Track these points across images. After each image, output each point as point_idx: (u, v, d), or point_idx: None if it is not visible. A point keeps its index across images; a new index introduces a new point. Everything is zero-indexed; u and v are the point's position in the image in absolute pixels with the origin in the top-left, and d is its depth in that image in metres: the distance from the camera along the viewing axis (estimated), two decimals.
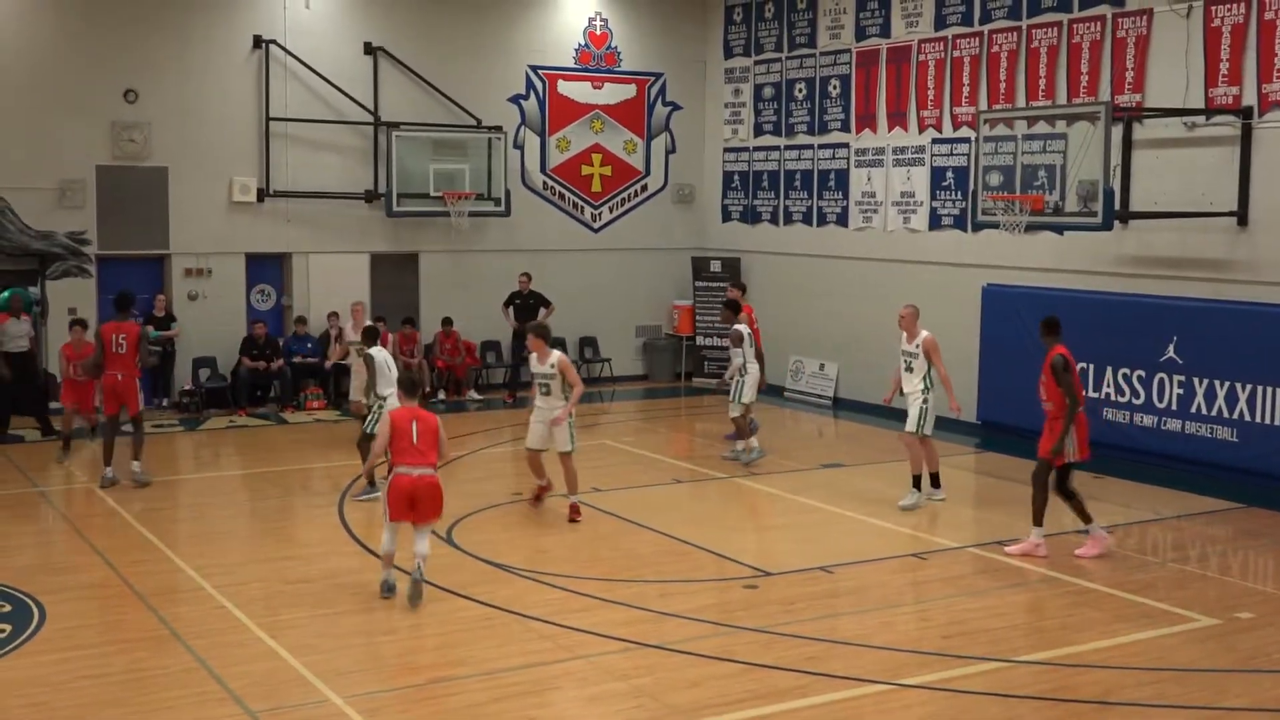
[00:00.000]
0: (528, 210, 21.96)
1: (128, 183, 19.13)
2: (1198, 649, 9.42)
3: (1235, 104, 15.11)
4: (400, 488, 10.02)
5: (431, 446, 10.11)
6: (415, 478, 10.00)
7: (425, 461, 10.06)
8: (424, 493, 10.08)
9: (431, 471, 10.09)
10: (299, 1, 20.16)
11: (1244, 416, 14.79)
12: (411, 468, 10.01)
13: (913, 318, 13.71)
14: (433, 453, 10.10)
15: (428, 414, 10.28)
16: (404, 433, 10.05)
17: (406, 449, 10.04)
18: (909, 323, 13.69)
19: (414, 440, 10.02)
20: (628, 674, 8.80)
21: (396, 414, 10.20)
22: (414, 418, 10.13)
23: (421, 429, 10.09)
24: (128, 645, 9.32)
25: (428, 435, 10.11)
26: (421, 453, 10.04)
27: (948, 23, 18.75)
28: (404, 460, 10.04)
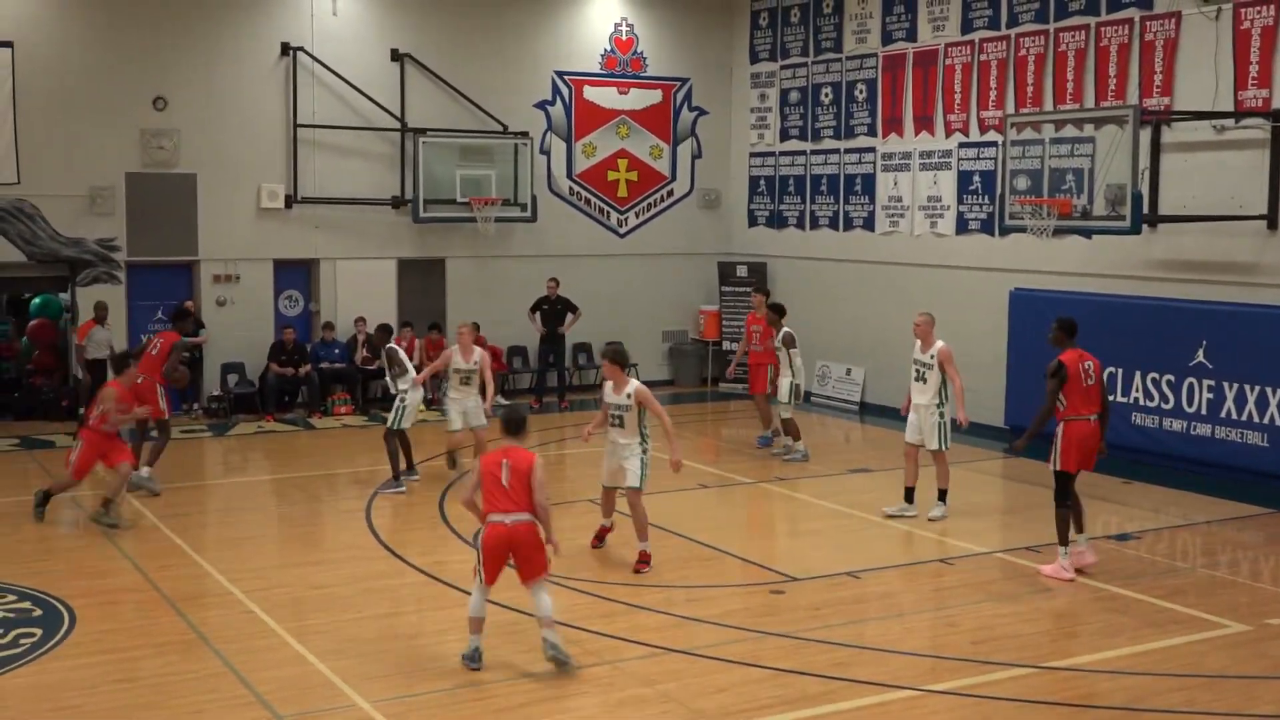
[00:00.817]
0: (554, 216, 22.00)
1: (157, 189, 19.26)
2: (1228, 655, 9.35)
3: (1265, 107, 15.01)
4: (494, 540, 8.77)
5: (525, 489, 8.80)
6: (510, 526, 8.74)
7: (520, 507, 8.78)
8: (523, 542, 8.80)
9: (529, 518, 8.79)
10: (326, 8, 20.27)
11: (1274, 421, 14.68)
12: (504, 515, 8.76)
13: (928, 326, 13.31)
14: (528, 497, 8.80)
15: (522, 453, 8.95)
16: (494, 475, 8.82)
17: (497, 494, 8.80)
18: (924, 331, 13.30)
19: (504, 483, 8.81)
20: (654, 679, 8.80)
21: (486, 456, 9.03)
22: (505, 458, 8.86)
23: (514, 470, 8.80)
24: (157, 650, 9.38)
25: (520, 478, 8.80)
26: (514, 498, 8.78)
27: (974, 26, 18.69)
28: (495, 507, 8.79)
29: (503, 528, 8.76)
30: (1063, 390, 11.16)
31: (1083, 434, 11.15)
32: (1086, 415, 11.19)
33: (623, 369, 11.49)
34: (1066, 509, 11.27)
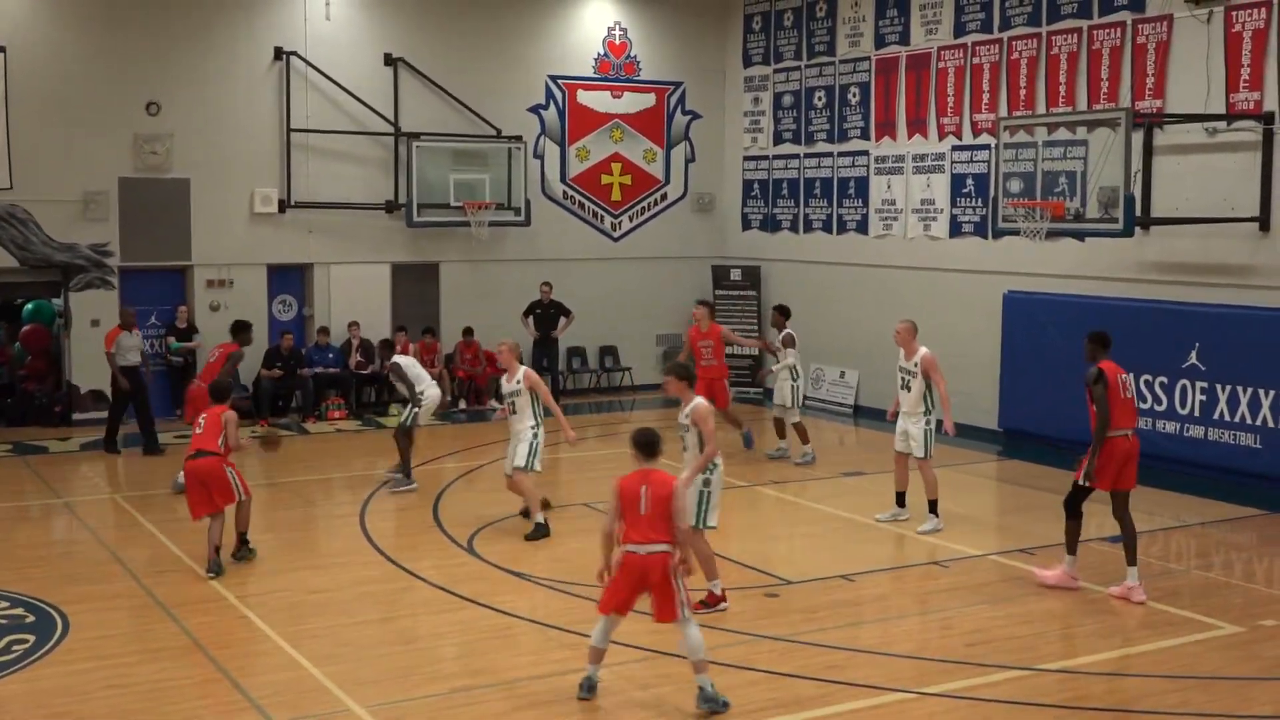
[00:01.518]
0: (548, 220, 22.00)
1: (150, 194, 19.25)
2: (1222, 657, 9.37)
3: (1256, 109, 15.06)
4: (629, 571, 8.22)
5: (665, 517, 8.26)
6: (644, 557, 8.17)
7: (660, 537, 8.21)
8: (654, 575, 8.19)
9: (665, 549, 8.21)
10: (319, 13, 20.27)
11: (1267, 423, 14.71)
12: (640, 545, 8.19)
13: (909, 333, 13.01)
14: (667, 526, 8.25)
15: (663, 476, 8.40)
16: (632, 501, 8.27)
17: (635, 521, 8.23)
18: (905, 339, 13.02)
19: (643, 510, 8.23)
20: (648, 683, 8.80)
21: (625, 480, 8.41)
22: (645, 482, 8.32)
23: (653, 496, 8.27)
24: (151, 655, 9.37)
25: (661, 504, 8.26)
26: (653, 525, 8.20)
27: (967, 30, 18.73)
28: (632, 536, 8.21)
29: (636, 559, 8.20)
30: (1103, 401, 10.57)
31: (1122, 451, 10.63)
32: (1125, 431, 10.66)
33: (688, 385, 10.47)
34: (1077, 521, 10.90)
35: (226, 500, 11.40)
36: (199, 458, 11.39)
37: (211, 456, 11.37)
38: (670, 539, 8.22)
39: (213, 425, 11.53)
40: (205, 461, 11.36)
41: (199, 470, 11.36)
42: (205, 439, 11.47)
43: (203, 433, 11.52)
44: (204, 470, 11.34)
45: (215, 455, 11.38)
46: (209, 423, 11.57)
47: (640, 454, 8.49)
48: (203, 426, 11.59)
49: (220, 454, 11.41)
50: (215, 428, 11.51)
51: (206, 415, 11.69)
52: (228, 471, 11.42)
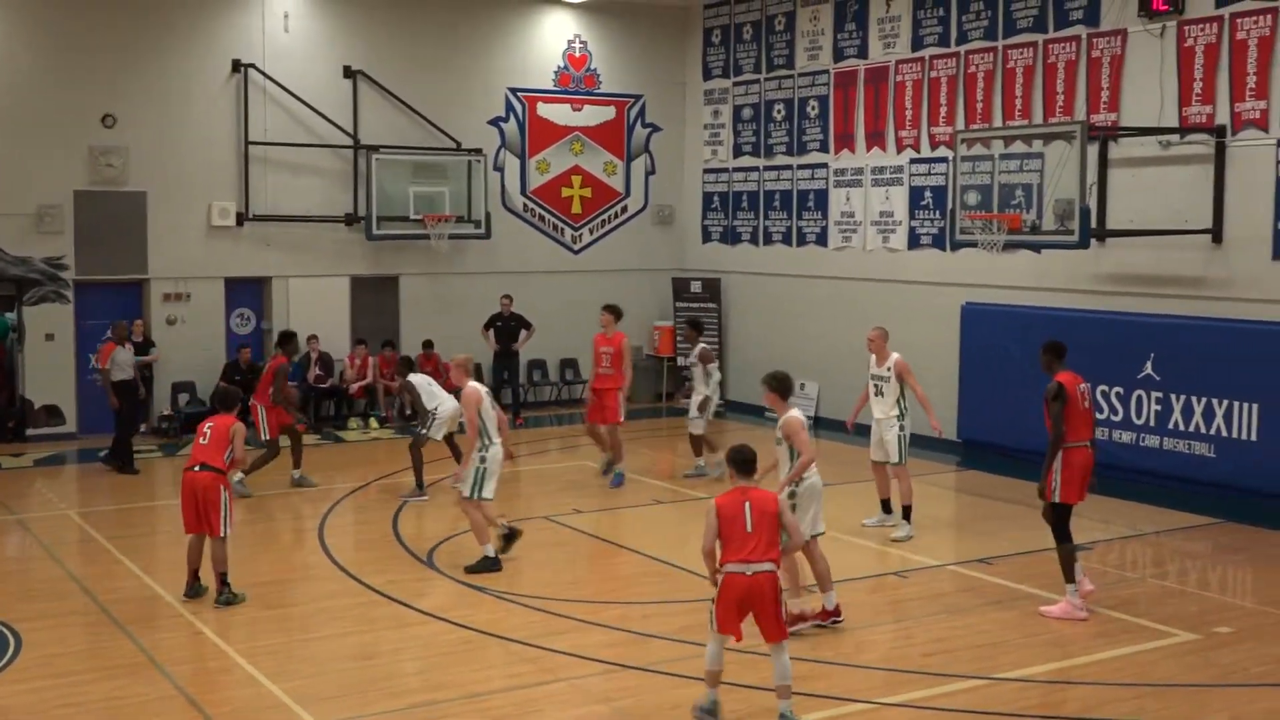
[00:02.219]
0: (508, 232, 21.98)
1: (106, 207, 19.09)
2: (1177, 664, 9.46)
3: (1209, 123, 15.24)
4: (733, 591, 7.99)
5: (772, 535, 8.06)
6: (750, 578, 7.94)
7: (765, 555, 8.00)
8: (760, 596, 7.98)
9: (771, 568, 8.02)
10: (278, 25, 20.19)
11: (1221, 432, 14.87)
12: (746, 564, 7.96)
13: (882, 340, 13.26)
14: (774, 544, 8.07)
15: (764, 494, 8.25)
16: (735, 519, 8.03)
17: (739, 539, 8.00)
18: (878, 345, 13.24)
19: (748, 527, 8.02)
20: (610, 696, 8.79)
21: (724, 498, 8.17)
22: (746, 500, 8.11)
23: (757, 514, 8.07)
24: (106, 673, 9.27)
25: (766, 521, 8.07)
26: (759, 542, 7.99)
27: (925, 43, 18.87)
28: (736, 555, 7.99)
29: (742, 579, 7.95)
30: (1061, 415, 10.48)
31: (1084, 462, 10.58)
32: (1084, 441, 10.62)
33: (782, 398, 10.47)
34: (1069, 544, 10.59)
35: (213, 531, 10.66)
36: (200, 471, 10.67)
37: (213, 472, 10.67)
38: (776, 558, 8.05)
39: (220, 437, 10.77)
40: (205, 477, 10.66)
41: (197, 484, 10.65)
42: (210, 452, 10.72)
43: (208, 444, 10.76)
44: (202, 486, 10.64)
45: (218, 472, 10.68)
46: (215, 433, 10.80)
47: (738, 472, 8.30)
48: (208, 437, 10.80)
49: (223, 471, 10.72)
50: (222, 440, 10.76)
51: (213, 425, 10.92)
52: (223, 497, 10.65)
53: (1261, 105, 14.75)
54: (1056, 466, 10.48)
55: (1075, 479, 10.53)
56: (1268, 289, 14.75)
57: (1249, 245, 14.91)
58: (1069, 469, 10.50)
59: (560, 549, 12.85)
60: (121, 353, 16.64)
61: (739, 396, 22.42)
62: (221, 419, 10.96)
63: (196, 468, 10.69)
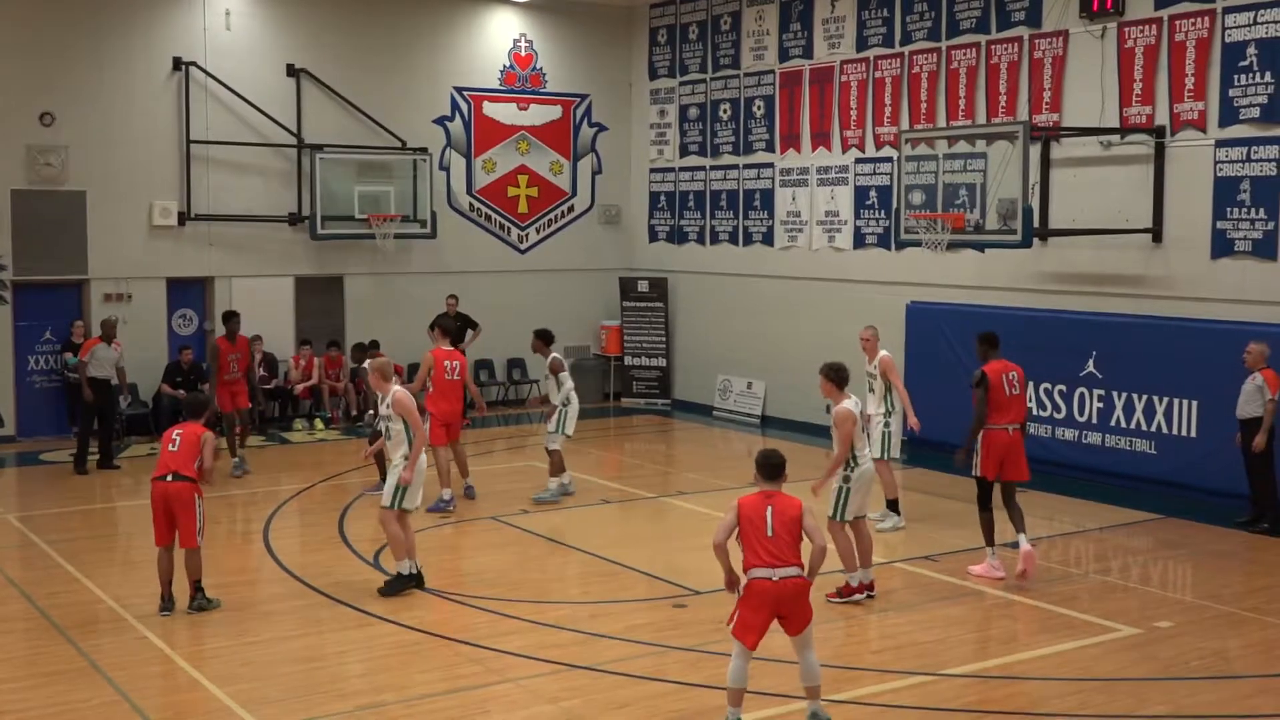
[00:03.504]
0: (454, 232, 21.89)
1: (44, 207, 18.79)
2: (1120, 659, 9.57)
3: (1149, 123, 15.43)
4: (762, 598, 7.89)
5: (794, 540, 8.00)
6: (777, 583, 7.87)
7: (788, 560, 7.93)
8: (790, 601, 7.93)
9: (799, 572, 7.94)
10: (219, 23, 19.98)
11: (1161, 429, 15.06)
12: (773, 569, 7.89)
13: (875, 338, 13.60)
14: (797, 549, 8.00)
15: (788, 499, 8.15)
16: (755, 521, 7.98)
17: (762, 544, 7.93)
18: (871, 344, 13.56)
19: (769, 532, 7.96)
20: (557, 696, 8.77)
21: (747, 499, 8.12)
22: (769, 504, 8.06)
23: (779, 519, 8.00)
24: (47, 679, 9.13)
25: (788, 526, 7.99)
26: (781, 549, 7.93)
27: (869, 44, 18.97)
28: (759, 560, 7.91)
29: (769, 584, 7.87)
30: (986, 400, 11.53)
31: (1001, 443, 11.48)
32: (1004, 425, 11.52)
33: (838, 386, 10.83)
34: (988, 513, 11.60)
35: (188, 541, 10.31)
36: (173, 480, 10.26)
37: (187, 482, 10.28)
38: (801, 563, 7.99)
39: (190, 445, 10.35)
40: (179, 486, 10.24)
41: (170, 495, 10.25)
42: (180, 459, 10.32)
43: (178, 451, 10.34)
44: (174, 495, 10.23)
45: (190, 481, 10.29)
46: (185, 442, 10.38)
47: (765, 476, 8.22)
48: (177, 444, 10.37)
49: (195, 480, 10.33)
50: (193, 448, 10.35)
51: (182, 433, 10.48)
52: (198, 506, 10.31)
53: (1199, 106, 14.95)
54: (977, 446, 11.56)
55: (993, 458, 11.52)
56: (1206, 287, 14.96)
57: (1188, 244, 15.11)
58: (988, 449, 11.53)
59: (507, 549, 12.81)
60: (103, 349, 16.43)
61: (685, 396, 22.48)
62: (190, 426, 10.56)
63: (168, 477, 10.30)
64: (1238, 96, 14.62)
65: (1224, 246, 14.80)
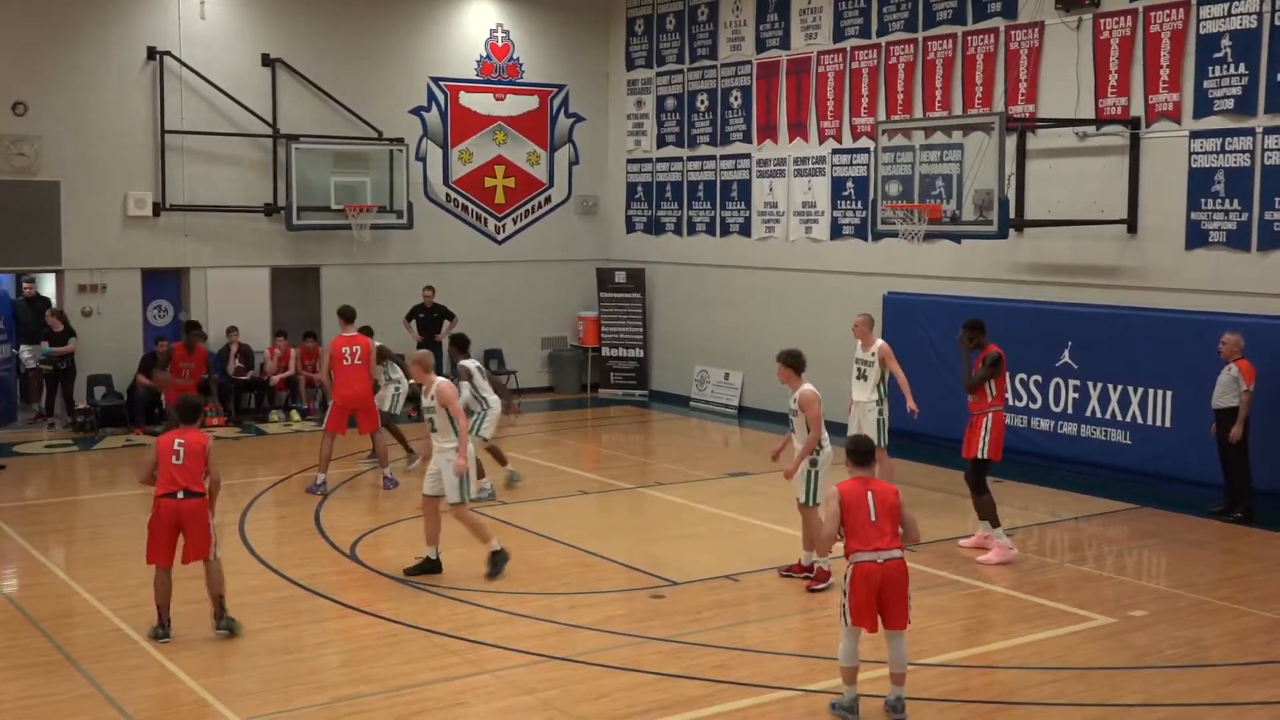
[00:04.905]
0: (431, 223, 21.83)
1: (17, 197, 18.66)
2: (1095, 647, 9.62)
3: (1124, 114, 15.49)
4: (867, 581, 8.02)
5: (895, 525, 8.18)
6: (882, 565, 8.03)
7: (892, 543, 8.13)
8: (894, 584, 8.07)
9: (899, 555, 8.14)
10: (194, 12, 19.86)
11: (1136, 419, 15.14)
12: (875, 553, 8.05)
13: (866, 325, 13.67)
14: (896, 534, 8.18)
15: (885, 485, 8.42)
16: (858, 507, 8.16)
17: (865, 528, 8.13)
18: (863, 330, 13.64)
19: (872, 517, 8.15)
20: (535, 687, 8.77)
21: (846, 485, 8.30)
22: (869, 489, 8.25)
23: (880, 504, 8.19)
24: (20, 671, 9.08)
25: (888, 511, 8.19)
26: (883, 532, 8.12)
27: (846, 35, 18.99)
28: (864, 544, 8.09)
29: (875, 566, 8.02)
30: (995, 381, 11.95)
31: (1003, 423, 12.12)
32: (1004, 406, 12.15)
33: (796, 372, 11.09)
34: (989, 495, 11.97)
35: (200, 554, 9.62)
36: (185, 498, 9.50)
37: (199, 499, 9.56)
38: (901, 546, 8.16)
39: (195, 457, 9.57)
40: (192, 504, 9.52)
41: (182, 513, 9.50)
42: (189, 475, 9.52)
43: (184, 465, 9.50)
44: (188, 514, 9.51)
45: (202, 497, 9.59)
46: (190, 454, 9.55)
47: (856, 463, 8.45)
48: (181, 457, 9.51)
49: (205, 494, 9.64)
50: (199, 460, 9.58)
51: (185, 444, 9.57)
52: (210, 521, 9.67)
53: (1174, 97, 15.02)
54: (987, 427, 11.88)
55: (1000, 439, 11.97)
56: (1181, 278, 15.03)
57: (1163, 235, 15.18)
58: (998, 429, 11.93)
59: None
60: None
61: (663, 387, 22.49)
62: (191, 434, 9.68)
63: (179, 494, 9.50)
64: (1212, 88, 14.68)
65: (1198, 237, 14.87)
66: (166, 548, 9.63)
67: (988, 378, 11.90)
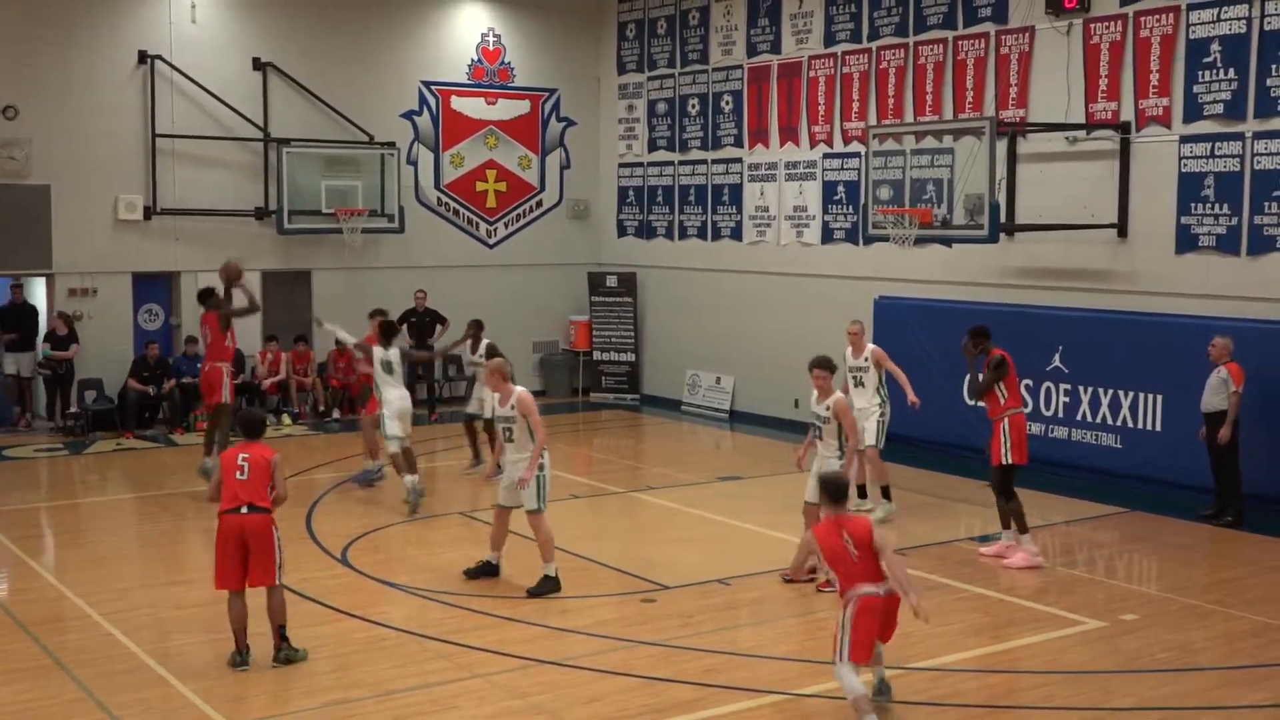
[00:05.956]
0: (422, 227, 21.82)
1: (7, 201, 18.63)
2: (1085, 651, 9.63)
3: (1114, 119, 15.53)
4: (873, 615, 8.03)
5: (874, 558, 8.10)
6: (884, 598, 8.06)
7: (879, 578, 8.08)
8: (893, 612, 8.18)
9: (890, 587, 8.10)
10: (185, 15, 19.83)
11: (1127, 423, 15.17)
12: (877, 587, 8.05)
13: (861, 333, 13.91)
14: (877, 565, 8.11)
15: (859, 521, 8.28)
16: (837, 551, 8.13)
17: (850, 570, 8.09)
18: (857, 338, 13.85)
19: (854, 558, 8.06)
20: (526, 692, 8.76)
21: (820, 529, 8.29)
22: (843, 532, 8.14)
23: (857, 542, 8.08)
24: (11, 676, 9.04)
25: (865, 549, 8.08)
26: (870, 567, 8.08)
27: (837, 39, 19.01)
28: (856, 582, 8.07)
29: (877, 600, 8.03)
30: (1004, 384, 11.91)
31: (1025, 425, 12.08)
32: (1021, 408, 12.14)
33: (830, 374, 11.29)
34: (1017, 500, 11.96)
35: (266, 580, 9.11)
36: (249, 513, 9.03)
37: (263, 514, 9.08)
38: (883, 578, 8.09)
39: (260, 471, 9.12)
40: (255, 520, 9.04)
41: (246, 529, 9.01)
42: (253, 489, 9.05)
43: (248, 480, 9.05)
44: (252, 530, 9.02)
45: (267, 513, 9.12)
46: (254, 467, 9.10)
47: (832, 501, 8.33)
48: (246, 473, 9.07)
49: (271, 510, 9.17)
50: (264, 474, 9.12)
51: (249, 457, 9.14)
52: (276, 539, 9.15)
53: (1164, 102, 15.06)
54: (1007, 432, 11.84)
55: (1022, 441, 11.92)
56: (1171, 282, 15.07)
57: (1153, 239, 15.22)
58: (1017, 432, 11.88)
59: (477, 545, 12.76)
60: None
61: (654, 391, 22.49)
62: (256, 449, 9.23)
63: (242, 509, 9.03)
64: (1202, 93, 14.73)
65: (1188, 242, 14.91)
66: (236, 568, 9.07)
67: (994, 380, 11.90)
